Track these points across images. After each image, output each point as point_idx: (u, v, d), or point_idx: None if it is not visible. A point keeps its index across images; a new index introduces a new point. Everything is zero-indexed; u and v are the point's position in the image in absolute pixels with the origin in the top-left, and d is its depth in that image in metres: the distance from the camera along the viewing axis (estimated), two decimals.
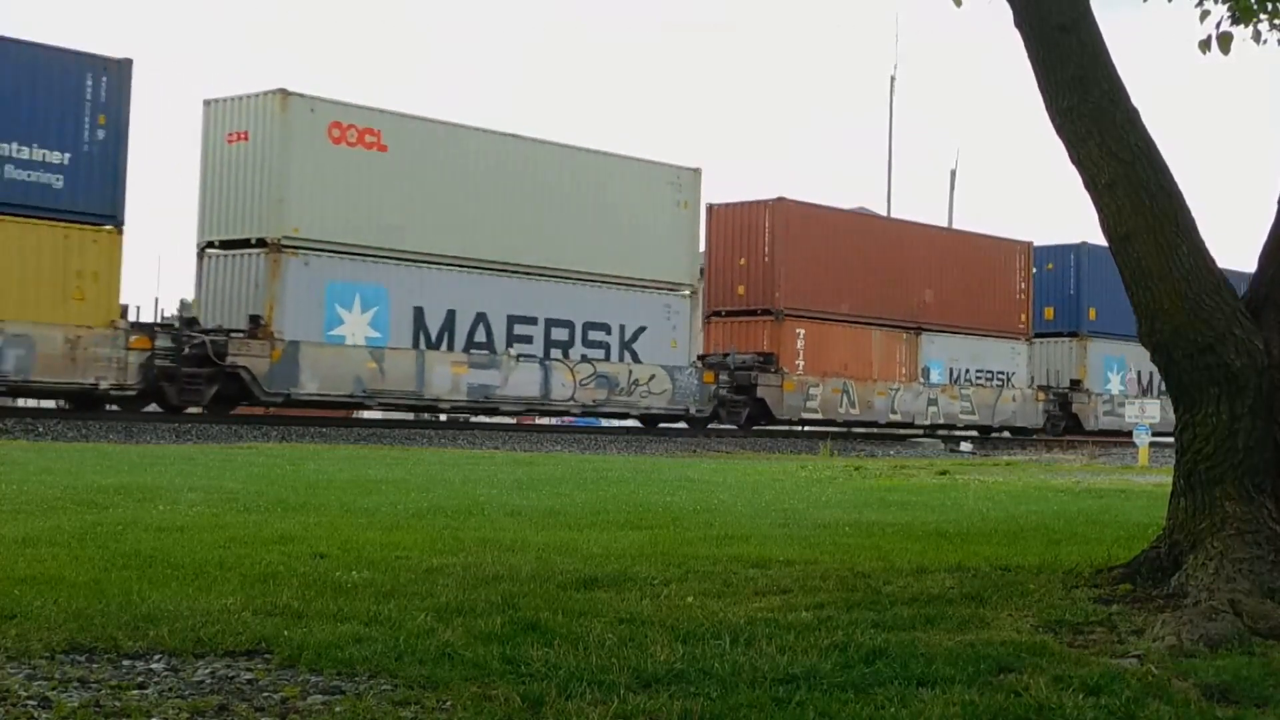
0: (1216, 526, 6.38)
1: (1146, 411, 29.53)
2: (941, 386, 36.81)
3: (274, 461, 17.39)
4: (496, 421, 31.59)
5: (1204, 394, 6.57)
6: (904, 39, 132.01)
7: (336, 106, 26.50)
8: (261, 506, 10.72)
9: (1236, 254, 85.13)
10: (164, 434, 22.85)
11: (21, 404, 28.39)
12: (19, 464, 14.73)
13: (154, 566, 7.08)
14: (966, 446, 35.41)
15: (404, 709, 4.41)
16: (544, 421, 36.05)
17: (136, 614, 5.65)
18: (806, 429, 34.77)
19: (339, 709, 4.39)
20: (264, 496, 11.62)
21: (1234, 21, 7.47)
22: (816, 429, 34.05)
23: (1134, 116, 6.76)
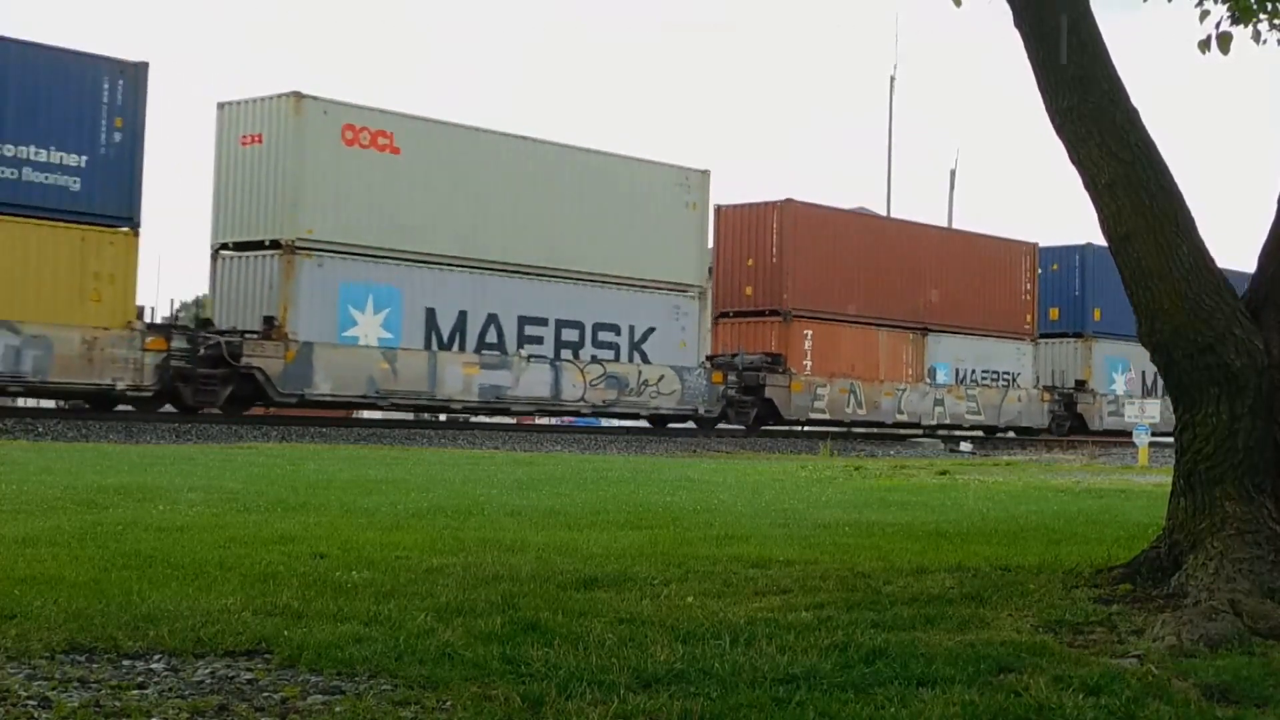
0: (1216, 526, 6.38)
1: (1146, 411, 29.52)
2: (948, 387, 36.83)
3: (274, 461, 17.40)
4: (496, 421, 31.64)
5: (1204, 394, 6.57)
6: (904, 39, 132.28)
7: (350, 109, 26.54)
8: (261, 506, 10.72)
9: (1236, 254, 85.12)
10: (164, 434, 22.86)
11: (21, 404, 28.40)
12: (19, 464, 14.73)
13: (154, 566, 7.08)
14: (966, 446, 35.41)
15: (404, 709, 4.41)
16: (544, 421, 36.07)
17: (136, 614, 5.65)
18: (807, 429, 34.77)
19: (339, 709, 4.39)
20: (264, 496, 11.62)
21: (1234, 21, 7.46)
22: (818, 429, 34.06)
23: (1134, 116, 6.77)
